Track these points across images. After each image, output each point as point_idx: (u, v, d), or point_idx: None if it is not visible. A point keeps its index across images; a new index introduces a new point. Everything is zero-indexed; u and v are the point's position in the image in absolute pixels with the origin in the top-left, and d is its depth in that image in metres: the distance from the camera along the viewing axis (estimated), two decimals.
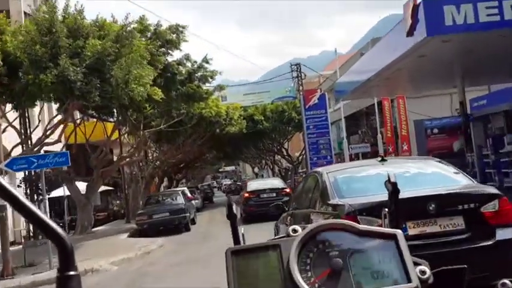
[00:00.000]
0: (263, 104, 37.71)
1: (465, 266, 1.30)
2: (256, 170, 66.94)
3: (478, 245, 4.69)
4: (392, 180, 1.36)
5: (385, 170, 5.01)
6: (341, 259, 1.17)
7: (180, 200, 19.66)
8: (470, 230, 4.78)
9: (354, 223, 1.24)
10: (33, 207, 0.87)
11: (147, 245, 13.60)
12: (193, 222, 20.06)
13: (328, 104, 34.62)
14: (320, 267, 1.18)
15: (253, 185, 23.00)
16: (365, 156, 35.98)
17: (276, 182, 23.29)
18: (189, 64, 20.35)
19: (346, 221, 1.27)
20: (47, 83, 11.96)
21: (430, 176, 5.65)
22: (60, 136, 16.87)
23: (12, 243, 21.22)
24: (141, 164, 29.83)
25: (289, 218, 6.83)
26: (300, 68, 35.67)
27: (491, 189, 5.33)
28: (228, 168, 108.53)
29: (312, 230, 1.23)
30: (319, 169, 6.56)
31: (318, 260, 1.19)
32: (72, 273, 0.89)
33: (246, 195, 21.18)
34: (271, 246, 1.23)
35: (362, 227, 1.23)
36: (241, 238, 1.43)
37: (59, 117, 18.25)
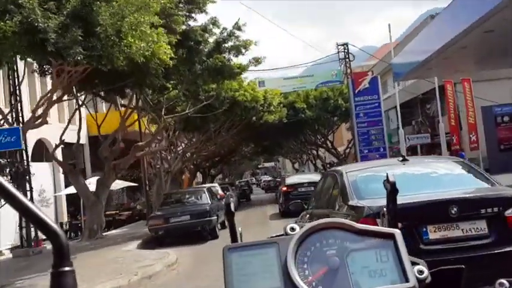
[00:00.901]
0: (305, 91, 33.54)
1: (463, 266, 1.31)
2: (296, 165, 62.85)
3: (502, 250, 4.49)
4: (391, 179, 1.37)
5: (406, 170, 5.32)
6: (339, 258, 1.18)
7: (206, 199, 15.75)
8: (493, 235, 4.63)
9: (352, 222, 1.24)
10: (28, 202, 0.86)
11: (152, 263, 9.71)
12: (223, 226, 16.20)
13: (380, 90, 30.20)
14: (318, 265, 1.18)
15: (292, 179, 22.31)
16: (427, 150, 31.50)
17: (314, 176, 21.84)
18: (216, 31, 16.45)
19: (344, 220, 1.26)
20: (6, 32, 8.33)
21: (452, 178, 5.56)
22: (44, 117, 13.22)
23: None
24: (167, 156, 26.28)
25: (307, 216, 6.73)
26: (348, 49, 31.34)
27: None
28: (268, 165, 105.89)
29: (310, 228, 1.23)
30: (339, 168, 6.50)
31: (315, 258, 1.19)
32: (67, 269, 0.88)
33: (284, 189, 21.02)
34: (269, 244, 1.23)
35: (360, 226, 1.23)
36: (238, 236, 1.41)
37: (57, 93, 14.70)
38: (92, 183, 18.32)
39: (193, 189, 17.55)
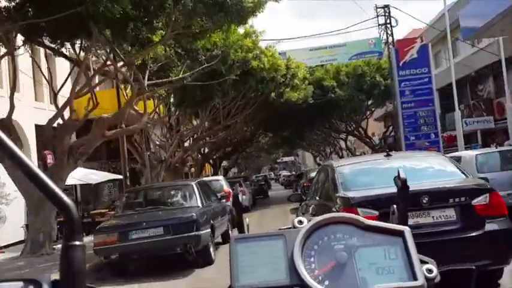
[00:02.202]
0: (336, 65, 27.68)
1: (473, 267, 1.33)
2: (318, 159, 56.66)
3: (468, 235, 4.99)
4: (402, 176, 1.36)
5: (389, 164, 5.84)
6: (346, 253, 1.17)
7: (194, 200, 9.69)
8: (461, 221, 5.09)
9: (361, 217, 1.24)
10: (41, 173, 0.87)
11: None
12: (225, 239, 10.58)
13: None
14: (324, 259, 1.17)
15: (314, 172, 19.94)
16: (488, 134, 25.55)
17: None
18: None
19: (353, 215, 1.26)
20: None
21: (429, 171, 5.98)
22: None
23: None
24: (165, 141, 20.72)
25: (305, 207, 7.28)
26: (390, 11, 25.33)
27: (483, 184, 5.64)
28: (287, 159, 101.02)
29: (318, 222, 1.22)
30: (332, 162, 6.83)
31: (323, 252, 1.18)
32: (77, 243, 0.89)
33: (307, 183, 20.15)
34: (276, 236, 1.22)
35: (369, 221, 1.22)
36: (245, 228, 1.43)
37: None
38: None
39: (175, 184, 11.38)
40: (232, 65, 16.37)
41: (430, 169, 6.04)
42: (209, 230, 9.00)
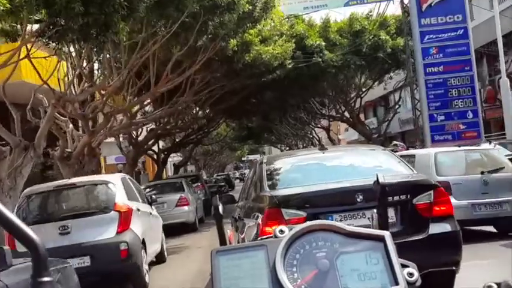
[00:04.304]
0: (325, 18, 19.79)
1: (454, 268, 1.30)
2: None
3: (410, 239, 4.42)
4: (381, 181, 1.35)
5: (323, 160, 5.29)
6: (328, 260, 1.16)
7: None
8: (401, 223, 4.61)
9: (342, 224, 1.22)
10: (4, 208, 0.85)
11: None
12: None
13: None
14: (307, 268, 1.15)
15: None
16: None
17: None
18: None
19: (334, 222, 1.25)
20: None
21: (368, 167, 5.26)
22: None
23: None
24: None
25: (237, 210, 6.40)
26: None
27: (426, 180, 5.07)
28: (252, 157, 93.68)
29: (299, 230, 1.21)
30: (262, 157, 6.40)
31: (304, 261, 1.17)
32: (45, 279, 0.88)
33: None
34: (257, 247, 1.20)
35: (350, 228, 1.21)
36: (227, 239, 1.42)
37: None
38: None
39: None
40: None
41: (368, 164, 5.34)
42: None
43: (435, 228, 4.55)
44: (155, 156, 25.59)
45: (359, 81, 22.93)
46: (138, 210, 7.25)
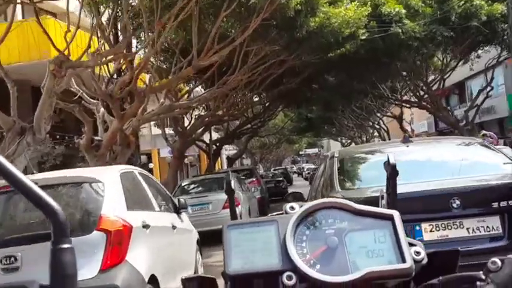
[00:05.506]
0: None
1: (459, 248, 1.31)
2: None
3: None
4: (391, 161, 1.39)
5: (408, 155, 4.49)
6: (337, 237, 1.19)
7: None
8: (510, 236, 3.72)
9: (352, 202, 1.25)
10: (26, 179, 0.84)
11: None
12: None
13: None
14: (316, 244, 1.19)
15: None
16: None
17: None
18: None
19: (343, 200, 1.27)
20: None
21: (464, 164, 4.36)
22: None
23: None
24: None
25: None
26: None
27: None
28: (310, 151, 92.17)
29: (309, 207, 1.24)
30: (333, 151, 5.49)
31: (314, 237, 1.20)
32: (66, 246, 0.88)
33: None
34: (268, 222, 1.24)
35: (359, 206, 1.24)
36: (238, 215, 1.53)
37: None
38: None
39: None
40: None
41: (465, 161, 4.43)
42: None
43: None
44: (205, 148, 23.07)
45: (444, 58, 19.31)
46: (145, 226, 4.52)
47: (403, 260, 1.13)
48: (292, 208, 1.26)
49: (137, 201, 4.82)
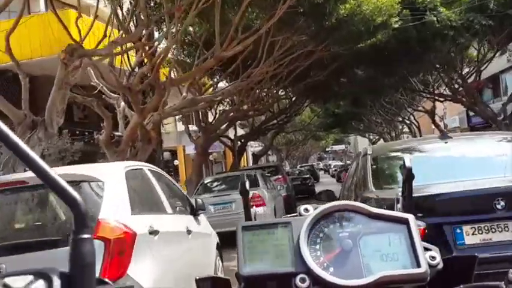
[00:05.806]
0: None
1: (476, 254, 1.26)
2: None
3: None
4: (407, 165, 1.36)
5: (446, 151, 4.33)
6: (351, 240, 1.17)
7: None
8: None
9: (366, 205, 1.23)
10: (47, 167, 0.84)
11: None
12: None
13: None
14: (330, 247, 1.17)
15: None
16: None
17: None
18: None
19: (357, 203, 1.25)
20: None
21: (510, 162, 4.09)
22: None
23: None
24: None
25: None
26: None
27: None
28: (336, 147, 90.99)
29: (324, 210, 1.23)
30: (365, 148, 5.19)
31: (328, 240, 1.19)
32: (86, 236, 0.88)
33: None
34: (282, 224, 1.22)
35: (374, 209, 1.22)
36: (253, 216, 1.46)
37: None
38: None
39: None
40: None
41: (509, 157, 4.15)
42: None
43: None
44: (230, 144, 22.53)
45: (482, 48, 18.31)
46: (153, 232, 3.91)
47: (418, 265, 1.12)
48: (306, 210, 1.26)
49: (145, 203, 4.26)
